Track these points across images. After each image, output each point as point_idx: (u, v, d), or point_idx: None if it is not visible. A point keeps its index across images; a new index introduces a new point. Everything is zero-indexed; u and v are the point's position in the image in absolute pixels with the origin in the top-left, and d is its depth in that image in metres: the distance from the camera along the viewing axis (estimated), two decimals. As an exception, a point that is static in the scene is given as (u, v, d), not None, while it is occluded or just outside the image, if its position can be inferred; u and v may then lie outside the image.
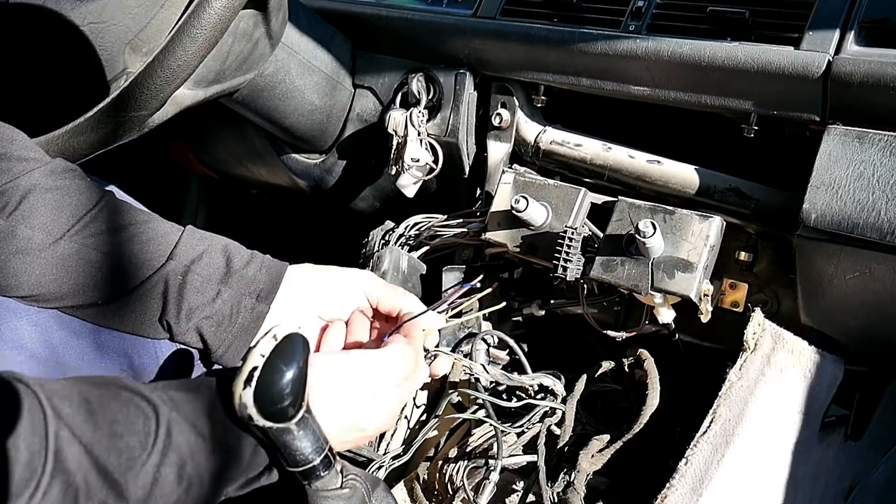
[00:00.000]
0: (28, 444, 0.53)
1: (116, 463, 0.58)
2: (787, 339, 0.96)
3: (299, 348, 0.66)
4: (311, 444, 0.66)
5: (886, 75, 0.85)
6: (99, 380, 0.62)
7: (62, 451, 0.55)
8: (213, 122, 1.50)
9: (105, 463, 0.57)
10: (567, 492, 0.95)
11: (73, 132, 0.93)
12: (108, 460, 0.57)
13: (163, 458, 0.60)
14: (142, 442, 0.60)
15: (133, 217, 0.81)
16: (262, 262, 0.83)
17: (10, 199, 0.76)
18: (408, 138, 1.20)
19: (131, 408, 0.60)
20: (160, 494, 0.60)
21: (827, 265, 0.91)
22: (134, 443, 0.59)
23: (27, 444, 0.53)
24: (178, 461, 0.61)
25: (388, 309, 0.88)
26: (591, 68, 1.08)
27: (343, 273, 0.88)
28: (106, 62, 1.06)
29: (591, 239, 1.00)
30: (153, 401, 0.62)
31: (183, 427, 0.62)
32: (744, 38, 0.96)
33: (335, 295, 0.86)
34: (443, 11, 1.21)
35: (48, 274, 0.76)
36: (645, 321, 1.01)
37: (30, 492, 0.53)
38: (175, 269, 0.79)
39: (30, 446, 0.53)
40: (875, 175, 0.86)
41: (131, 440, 0.59)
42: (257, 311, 0.81)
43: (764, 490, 0.90)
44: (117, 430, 0.58)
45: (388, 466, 1.05)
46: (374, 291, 0.87)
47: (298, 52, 1.22)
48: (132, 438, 0.59)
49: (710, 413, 0.92)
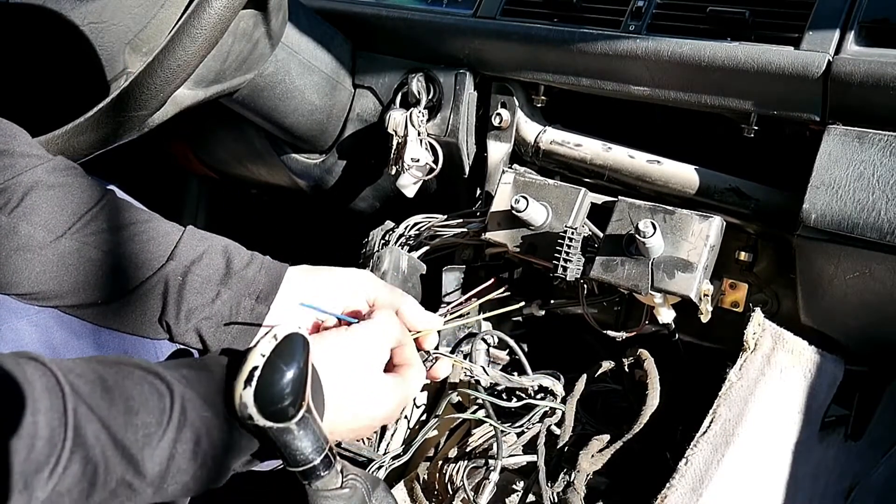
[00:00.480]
0: (48, 419, 0.54)
1: (133, 439, 0.58)
2: (787, 339, 0.96)
3: (299, 348, 0.66)
4: (311, 444, 0.66)
5: (886, 75, 0.85)
6: (112, 359, 0.63)
7: (81, 426, 0.55)
8: (213, 122, 1.50)
9: (122, 438, 0.58)
10: (567, 492, 0.95)
11: (74, 132, 0.93)
12: (125, 436, 0.58)
13: (178, 434, 0.61)
14: (157, 419, 0.60)
15: (134, 216, 0.81)
16: (262, 264, 0.83)
17: (13, 195, 0.76)
18: (408, 138, 1.20)
19: (145, 385, 0.61)
20: (176, 470, 0.61)
21: (827, 265, 0.91)
22: (150, 419, 0.60)
23: (47, 419, 0.54)
24: (193, 437, 0.62)
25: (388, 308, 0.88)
26: (591, 68, 1.08)
27: (342, 273, 0.88)
28: (106, 62, 1.06)
29: (591, 239, 1.00)
30: (166, 378, 0.63)
31: (196, 403, 0.63)
32: (744, 38, 0.96)
33: (334, 295, 0.86)
34: (443, 11, 1.21)
35: (48, 272, 0.76)
36: (645, 321, 1.01)
37: (50, 467, 0.53)
38: (175, 270, 0.79)
39: (49, 422, 0.54)
40: (875, 175, 0.86)
41: (147, 417, 0.60)
42: (256, 313, 0.81)
43: (764, 490, 0.90)
44: (133, 407, 0.59)
45: (388, 466, 1.05)
46: (373, 291, 0.87)
47: (298, 52, 1.22)
48: (148, 415, 0.60)
49: (710, 413, 0.92)
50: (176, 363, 0.66)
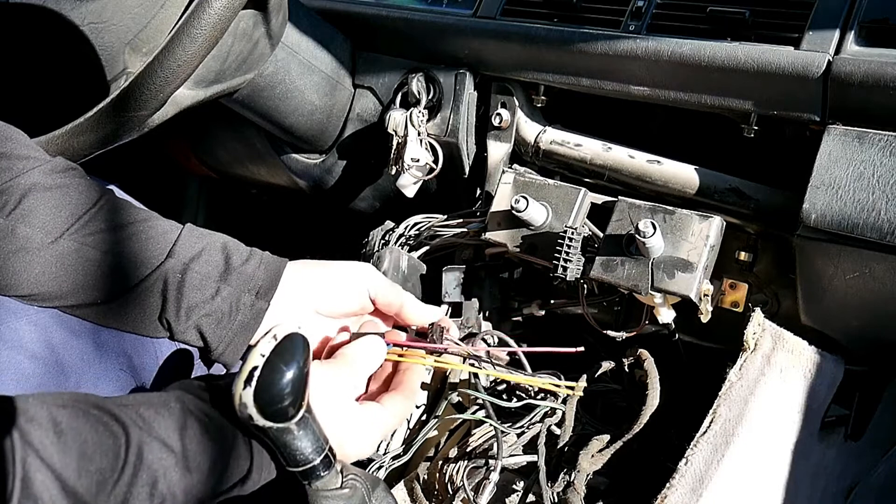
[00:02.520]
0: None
1: (87, 485, 0.57)
2: (787, 339, 0.96)
3: (299, 348, 0.66)
4: (311, 444, 0.66)
5: (886, 75, 0.85)
6: (68, 397, 0.61)
7: (30, 478, 0.54)
8: (213, 122, 1.50)
9: (74, 486, 0.57)
10: (567, 492, 0.95)
11: (73, 132, 0.93)
12: (77, 483, 0.57)
13: (133, 478, 0.60)
14: (111, 463, 0.59)
15: (132, 215, 0.81)
16: (262, 259, 0.83)
17: (10, 197, 0.76)
18: (408, 138, 1.20)
19: (100, 428, 0.60)
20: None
21: (827, 265, 0.91)
22: (104, 464, 0.59)
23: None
24: (149, 480, 0.61)
25: (387, 303, 0.88)
26: (591, 68, 1.08)
27: (342, 266, 0.87)
28: (106, 62, 1.06)
29: (591, 239, 1.00)
30: (122, 420, 0.61)
31: (153, 446, 0.62)
32: (744, 38, 0.96)
33: (334, 289, 0.85)
34: (443, 11, 1.21)
35: (47, 273, 0.76)
36: (645, 321, 1.01)
37: None
38: (174, 267, 0.78)
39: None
40: (875, 175, 0.86)
41: (101, 462, 0.59)
42: (257, 308, 0.81)
43: (764, 490, 0.90)
44: (87, 452, 0.58)
45: (388, 466, 1.05)
46: (374, 285, 0.87)
47: (298, 52, 1.22)
48: (102, 460, 0.59)
49: (710, 413, 0.92)
50: (135, 401, 0.65)
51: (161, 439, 0.62)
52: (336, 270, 0.86)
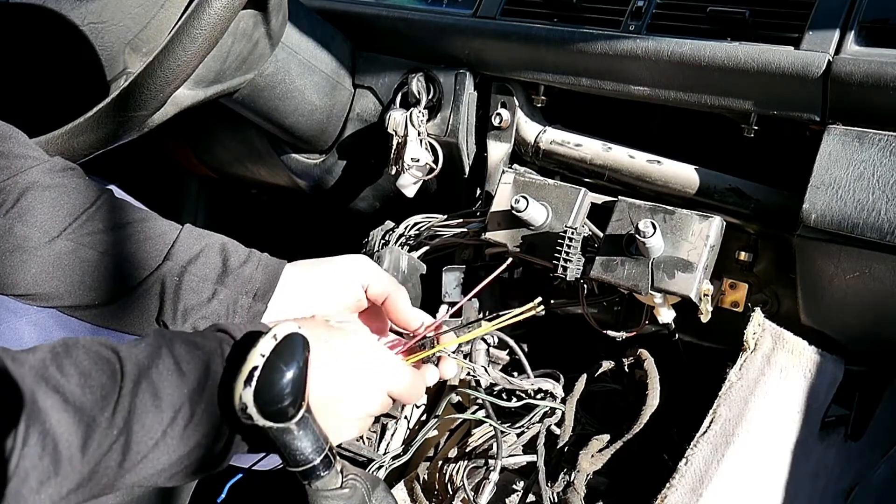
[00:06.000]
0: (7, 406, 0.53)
1: (91, 399, 0.57)
2: (787, 339, 0.96)
3: (299, 348, 0.66)
4: (311, 444, 0.66)
5: (886, 75, 0.85)
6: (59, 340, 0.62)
7: (36, 399, 0.55)
8: (213, 122, 1.50)
9: (80, 401, 0.57)
10: (567, 492, 0.95)
11: (73, 132, 0.93)
12: (82, 398, 0.57)
13: (135, 388, 0.60)
14: (110, 379, 0.59)
15: (131, 215, 0.81)
16: (260, 261, 0.83)
17: (8, 196, 0.76)
18: (408, 138, 1.20)
19: (93, 353, 0.60)
20: (140, 425, 0.60)
21: (827, 265, 0.91)
22: (104, 380, 0.59)
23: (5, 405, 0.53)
24: (149, 389, 0.61)
25: (377, 293, 0.86)
26: (591, 68, 1.08)
27: (335, 263, 0.86)
28: (106, 62, 1.06)
29: (591, 239, 1.00)
30: (111, 346, 0.62)
31: (142, 356, 0.62)
32: (744, 38, 0.96)
33: (329, 286, 0.85)
34: (443, 11, 1.21)
35: (45, 272, 0.76)
36: (645, 321, 1.01)
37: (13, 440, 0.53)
38: (171, 270, 0.78)
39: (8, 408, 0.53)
40: (875, 175, 0.86)
41: (101, 378, 0.59)
42: (254, 311, 0.81)
43: (764, 490, 0.90)
44: (85, 370, 0.58)
45: (388, 466, 1.05)
46: (367, 277, 0.86)
47: (298, 52, 1.22)
48: (101, 376, 0.59)
49: (710, 413, 0.92)
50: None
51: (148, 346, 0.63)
52: (329, 267, 0.86)
